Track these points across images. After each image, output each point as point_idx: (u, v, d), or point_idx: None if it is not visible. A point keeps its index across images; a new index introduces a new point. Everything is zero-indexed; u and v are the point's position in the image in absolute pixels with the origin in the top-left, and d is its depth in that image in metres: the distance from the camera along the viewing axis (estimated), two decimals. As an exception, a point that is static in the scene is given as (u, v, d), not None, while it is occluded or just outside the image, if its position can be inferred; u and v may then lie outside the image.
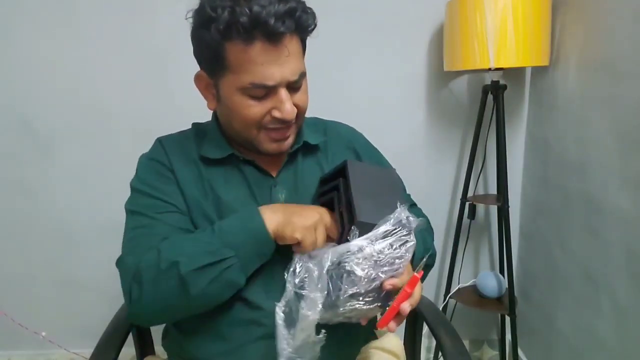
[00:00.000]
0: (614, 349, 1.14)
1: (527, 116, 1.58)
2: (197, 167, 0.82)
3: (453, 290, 1.57)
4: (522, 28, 1.22)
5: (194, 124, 0.91)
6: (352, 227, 0.66)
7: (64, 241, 1.62)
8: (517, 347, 1.55)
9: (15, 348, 1.70)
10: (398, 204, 0.68)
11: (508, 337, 1.61)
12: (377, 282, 0.66)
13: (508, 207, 1.42)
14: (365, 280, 0.65)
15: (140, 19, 1.45)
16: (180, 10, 1.60)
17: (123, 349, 0.87)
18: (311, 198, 0.84)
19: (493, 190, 1.58)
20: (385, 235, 0.65)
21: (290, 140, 0.80)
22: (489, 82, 1.41)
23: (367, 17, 1.47)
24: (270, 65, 0.69)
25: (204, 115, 0.92)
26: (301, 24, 0.70)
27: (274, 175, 0.83)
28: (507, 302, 1.46)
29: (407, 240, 0.66)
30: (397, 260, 0.66)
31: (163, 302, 0.70)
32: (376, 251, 0.65)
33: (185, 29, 1.47)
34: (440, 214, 1.66)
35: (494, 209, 1.63)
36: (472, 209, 1.54)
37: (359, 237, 0.66)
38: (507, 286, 1.46)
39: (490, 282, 1.50)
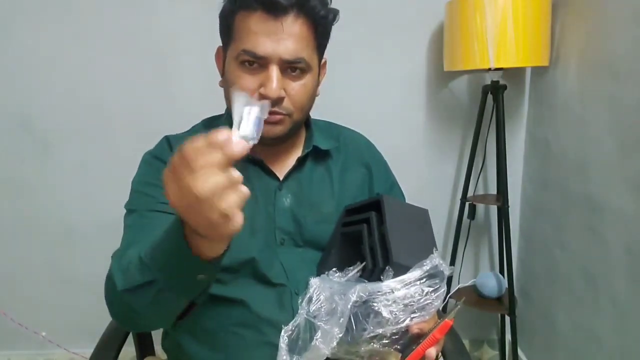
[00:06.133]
0: (613, 349, 1.14)
1: (527, 116, 1.58)
2: None
3: (453, 290, 1.57)
4: (522, 28, 1.22)
5: (205, 119, 0.89)
6: (387, 268, 0.65)
7: (64, 241, 1.62)
8: (517, 347, 1.55)
9: (15, 348, 1.70)
10: (434, 249, 0.68)
11: (508, 337, 1.61)
12: (402, 326, 0.64)
13: (508, 207, 1.42)
14: (393, 323, 0.63)
15: (140, 18, 1.45)
16: (180, 10, 1.60)
17: (123, 349, 0.87)
18: (316, 204, 0.81)
19: (493, 190, 1.58)
20: (418, 280, 0.64)
21: (280, 129, 0.75)
22: (489, 82, 1.41)
23: (367, 17, 1.47)
24: (264, 36, 0.69)
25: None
26: (307, 5, 0.69)
27: (281, 179, 0.81)
28: (507, 302, 1.46)
29: (439, 287, 0.65)
30: (427, 306, 0.64)
31: (121, 316, 0.69)
32: (408, 295, 0.63)
33: (185, 29, 1.47)
34: (440, 214, 1.66)
35: (494, 209, 1.63)
36: (472, 209, 1.54)
37: (392, 278, 0.64)
38: (507, 286, 1.46)
39: (490, 282, 1.50)
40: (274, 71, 0.70)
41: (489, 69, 1.32)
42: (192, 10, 1.45)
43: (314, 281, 0.68)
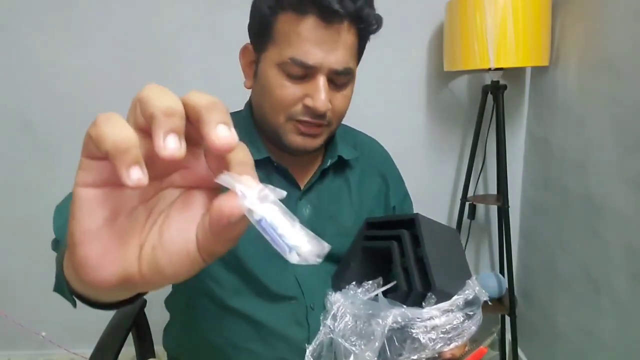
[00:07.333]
0: (614, 349, 1.14)
1: (527, 116, 1.58)
2: None
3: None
4: (522, 28, 1.22)
5: None
6: (429, 294, 0.63)
7: (64, 241, 1.62)
8: (517, 347, 1.55)
9: (15, 348, 1.70)
10: (471, 274, 0.67)
11: (508, 337, 1.61)
12: (437, 352, 0.63)
13: (508, 207, 1.41)
14: (430, 350, 0.61)
15: (140, 20, 1.45)
16: (181, 11, 1.60)
17: (123, 349, 0.87)
18: (335, 216, 0.79)
19: (493, 190, 1.58)
20: (456, 307, 0.63)
21: (318, 142, 0.71)
22: (489, 82, 1.41)
23: (367, 17, 1.47)
24: (316, 44, 0.63)
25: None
26: (361, 14, 0.65)
27: (302, 187, 0.77)
28: (507, 302, 1.46)
29: (476, 314, 0.64)
30: (463, 333, 0.63)
31: None
32: (447, 322, 0.62)
33: (185, 30, 1.47)
34: (440, 214, 1.66)
35: (494, 209, 1.63)
36: (472, 209, 1.53)
37: (434, 304, 0.62)
38: (507, 286, 1.46)
39: (491, 282, 1.49)
40: (323, 82, 0.65)
41: (489, 69, 1.32)
42: (193, 12, 1.45)
43: (337, 297, 0.65)
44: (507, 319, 1.54)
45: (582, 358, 1.30)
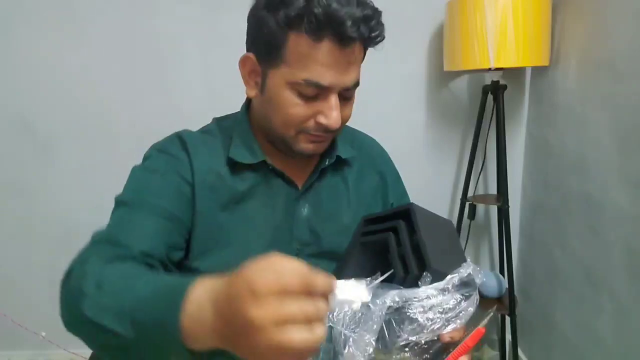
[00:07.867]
0: (613, 348, 1.14)
1: (527, 116, 1.58)
2: (222, 172, 0.74)
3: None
4: (522, 28, 1.22)
5: (217, 119, 0.83)
6: (425, 273, 0.63)
7: (64, 242, 1.60)
8: (517, 347, 1.55)
9: (15, 348, 1.70)
10: (467, 257, 0.68)
11: (508, 337, 1.61)
12: (437, 334, 0.62)
13: (508, 207, 1.42)
14: (429, 331, 0.61)
15: (140, 19, 1.45)
16: (180, 10, 1.60)
17: (123, 349, 0.87)
18: (334, 214, 0.79)
19: (493, 190, 1.58)
20: (453, 288, 0.63)
21: (327, 144, 0.75)
22: (489, 82, 1.41)
23: (367, 17, 1.47)
24: (331, 67, 0.64)
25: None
26: (373, 35, 0.66)
27: (299, 187, 0.77)
28: (507, 302, 1.46)
29: (472, 295, 0.64)
30: (461, 314, 0.63)
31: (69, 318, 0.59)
32: (445, 302, 0.62)
33: (185, 31, 1.47)
34: (440, 214, 1.63)
35: (494, 209, 1.63)
36: (472, 209, 1.53)
37: (429, 284, 0.62)
38: (507, 286, 1.46)
39: (491, 282, 1.49)
40: (336, 100, 0.67)
41: (489, 69, 1.32)
42: (192, 13, 1.45)
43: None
44: (507, 318, 1.54)
45: (582, 357, 1.30)
